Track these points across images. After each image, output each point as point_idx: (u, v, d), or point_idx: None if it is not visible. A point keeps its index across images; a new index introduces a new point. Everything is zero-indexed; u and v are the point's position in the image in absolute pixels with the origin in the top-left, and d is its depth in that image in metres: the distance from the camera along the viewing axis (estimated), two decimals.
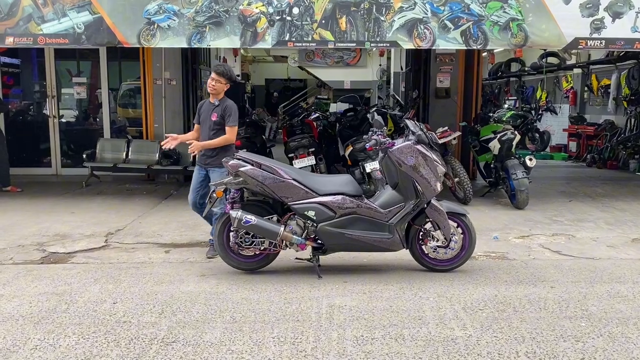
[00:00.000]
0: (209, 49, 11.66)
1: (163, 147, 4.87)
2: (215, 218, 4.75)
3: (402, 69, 15.17)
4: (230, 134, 4.88)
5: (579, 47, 6.98)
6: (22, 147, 9.86)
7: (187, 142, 4.90)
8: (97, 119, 10.26)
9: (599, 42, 6.81)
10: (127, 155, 9.06)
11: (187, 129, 9.87)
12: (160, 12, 6.63)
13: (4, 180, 8.26)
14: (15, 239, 5.65)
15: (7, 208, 7.12)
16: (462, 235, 4.56)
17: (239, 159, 4.38)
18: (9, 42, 6.72)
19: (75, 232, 5.96)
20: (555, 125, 15.07)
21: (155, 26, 6.64)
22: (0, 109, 8.21)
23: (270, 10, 6.67)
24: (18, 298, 4.00)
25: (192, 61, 10.23)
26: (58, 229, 6.07)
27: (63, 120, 10.17)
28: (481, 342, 3.30)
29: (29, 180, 8.97)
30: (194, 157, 5.15)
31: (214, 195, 4.41)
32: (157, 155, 8.89)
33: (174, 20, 6.63)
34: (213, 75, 4.89)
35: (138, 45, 6.87)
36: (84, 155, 8.89)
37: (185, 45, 6.83)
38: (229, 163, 4.36)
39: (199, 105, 5.16)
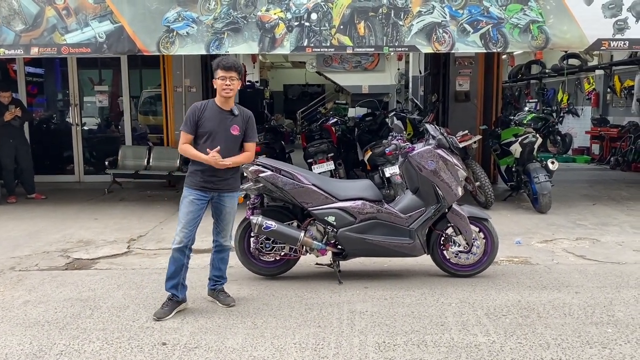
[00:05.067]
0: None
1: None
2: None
3: (420, 72, 15.14)
4: (252, 152, 3.99)
5: (602, 48, 6.88)
6: (46, 154, 10.05)
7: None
8: (119, 127, 10.39)
9: (623, 42, 6.71)
10: (148, 162, 9.17)
11: None
12: (179, 19, 6.70)
13: (29, 188, 8.41)
14: (40, 246, 5.74)
15: (32, 215, 7.25)
16: (484, 240, 4.51)
17: (259, 165, 4.39)
18: (34, 52, 6.86)
19: (99, 238, 6.04)
20: (578, 127, 14.86)
21: (175, 34, 6.71)
22: (25, 117, 8.37)
23: (289, 16, 6.70)
24: (44, 304, 4.06)
25: (212, 68, 10.32)
26: (82, 236, 6.16)
27: (85, 128, 10.34)
28: (505, 349, 3.25)
29: (52, 188, 9.13)
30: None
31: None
32: (178, 162, 8.96)
33: (193, 28, 6.70)
34: (223, 73, 3.80)
35: (157, 53, 6.95)
36: (106, 163, 9.01)
37: (203, 52, 6.89)
38: (249, 169, 4.37)
39: (197, 109, 3.86)
